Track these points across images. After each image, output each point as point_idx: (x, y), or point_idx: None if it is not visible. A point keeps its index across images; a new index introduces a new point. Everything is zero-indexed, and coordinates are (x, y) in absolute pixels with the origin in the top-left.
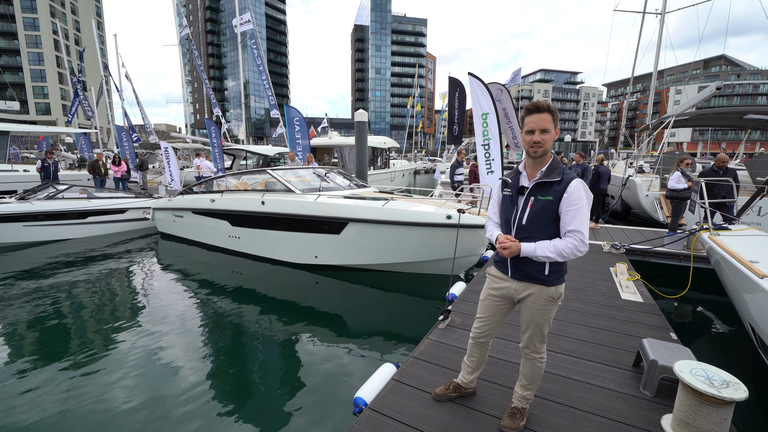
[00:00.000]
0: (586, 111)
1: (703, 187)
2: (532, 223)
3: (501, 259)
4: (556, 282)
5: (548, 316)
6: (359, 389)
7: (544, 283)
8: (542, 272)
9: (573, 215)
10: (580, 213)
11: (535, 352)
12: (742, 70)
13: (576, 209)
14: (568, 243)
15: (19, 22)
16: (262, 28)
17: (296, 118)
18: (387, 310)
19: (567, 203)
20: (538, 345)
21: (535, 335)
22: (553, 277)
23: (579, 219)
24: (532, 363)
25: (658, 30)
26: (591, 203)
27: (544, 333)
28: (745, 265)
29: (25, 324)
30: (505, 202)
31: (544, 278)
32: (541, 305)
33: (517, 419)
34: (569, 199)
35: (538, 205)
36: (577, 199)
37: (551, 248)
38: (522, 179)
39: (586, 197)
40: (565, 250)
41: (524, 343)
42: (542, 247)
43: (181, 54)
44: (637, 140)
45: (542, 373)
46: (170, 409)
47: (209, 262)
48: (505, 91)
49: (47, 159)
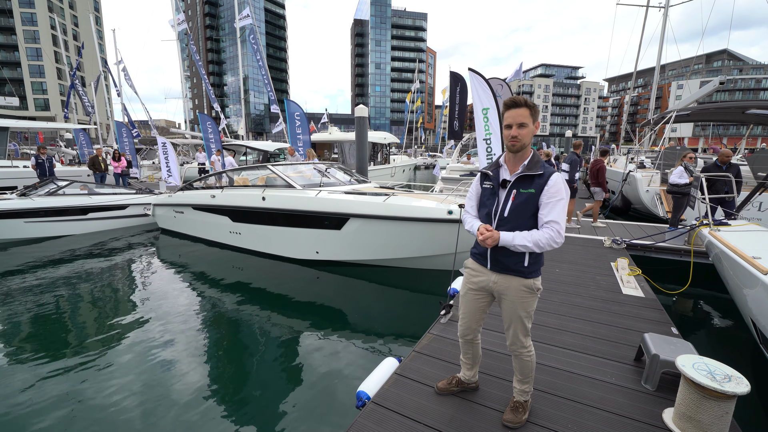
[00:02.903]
0: (587, 106)
1: (703, 183)
2: (514, 215)
3: (480, 252)
4: (534, 274)
5: (529, 309)
6: (362, 383)
7: (523, 275)
8: (522, 264)
9: (552, 207)
10: (559, 205)
11: (522, 348)
12: (744, 65)
13: (555, 201)
14: (545, 234)
15: (17, 17)
16: (261, 22)
17: (297, 113)
18: (388, 305)
19: (547, 195)
20: (522, 340)
21: (519, 330)
22: (531, 269)
23: (557, 211)
24: (520, 359)
25: (661, 24)
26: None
27: (527, 327)
28: (748, 261)
29: (27, 320)
30: (485, 195)
31: (523, 270)
32: (522, 297)
33: (519, 413)
34: (549, 191)
35: (520, 198)
36: (557, 191)
37: (529, 238)
38: (503, 172)
39: (565, 191)
40: (542, 240)
41: (510, 340)
42: (520, 237)
43: (180, 49)
44: (639, 135)
45: (534, 365)
46: (173, 403)
47: (210, 258)
48: (505, 86)
49: (40, 155)
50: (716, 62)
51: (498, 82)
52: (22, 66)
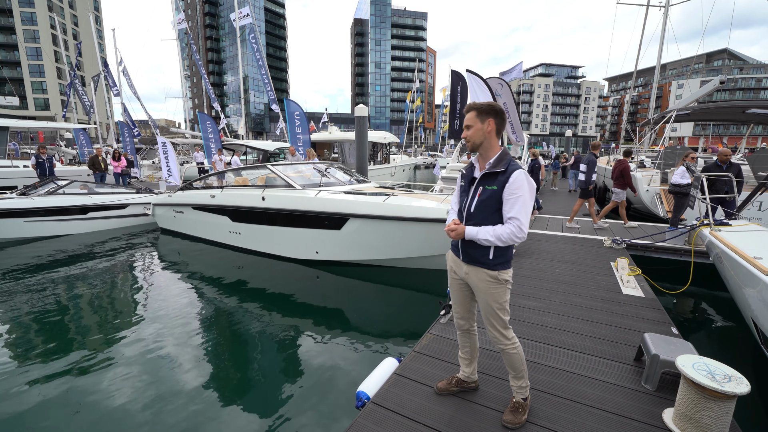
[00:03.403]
0: (587, 105)
1: (704, 182)
2: (479, 211)
3: (455, 244)
4: (499, 267)
5: (500, 300)
6: (362, 383)
7: (488, 267)
8: (486, 256)
9: (513, 203)
10: (519, 201)
11: (502, 342)
12: (744, 64)
13: (515, 198)
14: (507, 229)
15: (17, 16)
16: (261, 22)
17: (296, 112)
18: (388, 305)
19: (508, 192)
20: (503, 332)
21: (496, 322)
22: (496, 262)
23: (518, 207)
24: (506, 354)
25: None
26: (533, 194)
27: (504, 319)
28: (749, 261)
29: (27, 319)
30: (461, 192)
31: (487, 262)
32: (488, 287)
33: (519, 414)
34: (510, 188)
35: (485, 195)
36: (517, 188)
37: (491, 232)
38: (475, 171)
39: (528, 188)
40: (503, 235)
41: (490, 335)
42: (484, 231)
43: (180, 48)
44: (639, 135)
45: (522, 359)
46: (172, 403)
47: (209, 258)
48: (505, 86)
49: (41, 155)
50: (717, 61)
51: (498, 82)
52: (22, 65)
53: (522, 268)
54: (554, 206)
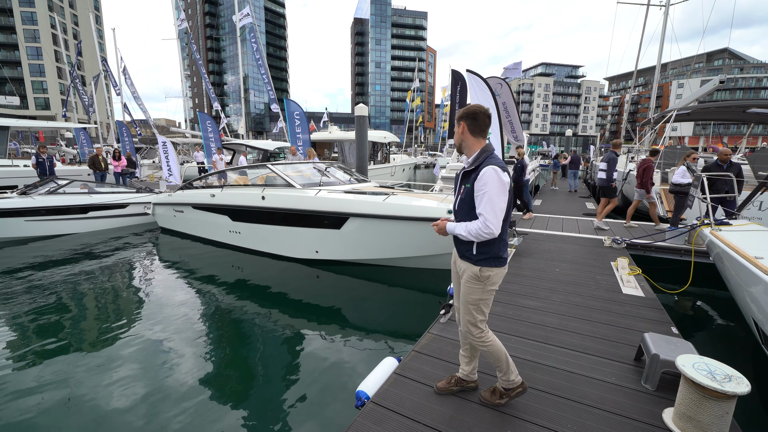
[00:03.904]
0: (587, 105)
1: (704, 182)
2: (459, 209)
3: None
4: (482, 263)
5: (476, 297)
6: (361, 383)
7: (471, 262)
8: (471, 251)
9: (480, 199)
10: (485, 197)
11: (469, 334)
12: (745, 64)
13: (482, 194)
14: (475, 224)
15: (17, 15)
16: (261, 21)
17: (296, 112)
18: (388, 305)
19: (476, 189)
20: (471, 328)
21: (466, 316)
22: (479, 257)
23: (484, 202)
24: (476, 345)
25: (662, 22)
26: (504, 189)
27: (475, 318)
28: (751, 261)
29: (27, 318)
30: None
31: (471, 257)
32: (468, 282)
33: (495, 396)
34: (477, 184)
35: (464, 193)
36: (483, 184)
37: (464, 228)
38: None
39: (495, 183)
40: (473, 230)
41: (461, 327)
42: (460, 227)
43: (180, 48)
44: (639, 134)
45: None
46: (172, 402)
47: (209, 257)
48: (504, 85)
49: (41, 154)
50: (717, 61)
51: (497, 81)
52: (23, 65)
53: (522, 267)
54: (554, 206)
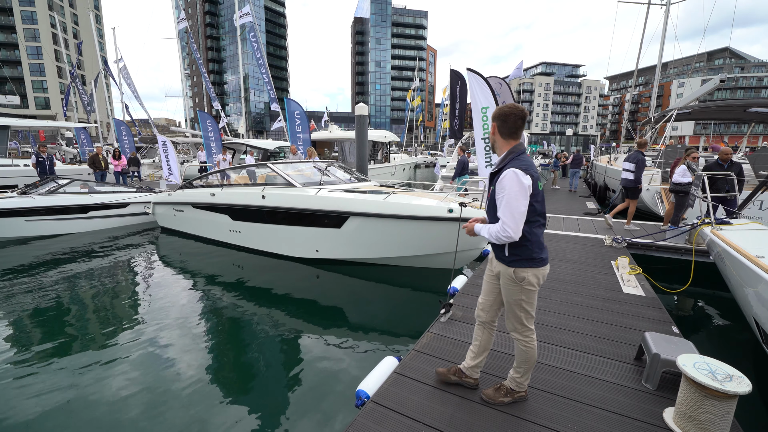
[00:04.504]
0: (588, 104)
1: (705, 181)
2: (489, 209)
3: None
4: (515, 264)
5: (516, 298)
6: (361, 382)
7: (505, 263)
8: (503, 253)
9: (499, 202)
10: (503, 201)
11: (515, 332)
12: (746, 63)
13: (501, 197)
14: (495, 227)
15: (17, 15)
16: (261, 21)
17: (297, 111)
18: (388, 304)
19: (497, 191)
20: (516, 326)
21: (511, 315)
22: (511, 258)
23: (502, 206)
24: (516, 344)
25: (663, 21)
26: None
27: (519, 316)
28: (752, 260)
29: (27, 318)
30: None
31: (504, 258)
32: (505, 284)
33: (500, 393)
34: (498, 186)
35: (491, 195)
36: (502, 188)
37: (487, 230)
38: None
39: (512, 186)
40: (493, 233)
41: (507, 324)
42: (485, 229)
43: (180, 47)
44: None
45: (531, 359)
46: (172, 402)
47: (210, 257)
48: (504, 85)
49: (41, 153)
50: (718, 60)
51: (497, 81)
52: (23, 64)
53: None
54: (554, 205)
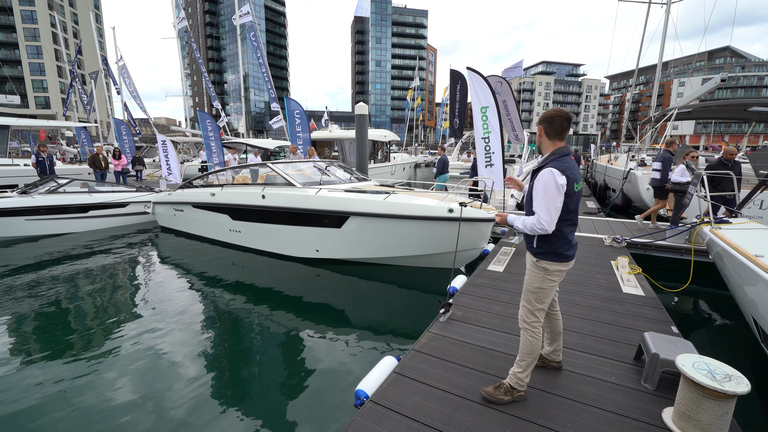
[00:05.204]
0: (588, 104)
1: (704, 180)
2: (526, 203)
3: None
4: (541, 256)
5: (535, 285)
6: (360, 382)
7: (532, 253)
8: (532, 244)
9: (535, 197)
10: (538, 196)
11: (523, 321)
12: (746, 62)
13: (536, 193)
14: (531, 219)
15: (17, 14)
16: (261, 20)
17: (296, 111)
18: (388, 304)
19: (534, 187)
20: (527, 315)
21: (524, 300)
22: (538, 250)
23: (537, 201)
24: (523, 335)
25: (663, 20)
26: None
27: (532, 302)
28: (751, 259)
29: (27, 317)
30: None
31: (532, 249)
32: (529, 271)
33: (499, 391)
34: (536, 183)
35: (529, 190)
36: (539, 186)
37: (521, 220)
38: None
39: (546, 183)
40: (528, 224)
41: (520, 312)
42: (518, 219)
43: (180, 47)
44: (640, 133)
45: (535, 351)
46: (172, 401)
47: (209, 256)
48: (504, 84)
49: (41, 153)
50: (718, 59)
51: (497, 80)
52: (23, 64)
53: (522, 266)
54: None
